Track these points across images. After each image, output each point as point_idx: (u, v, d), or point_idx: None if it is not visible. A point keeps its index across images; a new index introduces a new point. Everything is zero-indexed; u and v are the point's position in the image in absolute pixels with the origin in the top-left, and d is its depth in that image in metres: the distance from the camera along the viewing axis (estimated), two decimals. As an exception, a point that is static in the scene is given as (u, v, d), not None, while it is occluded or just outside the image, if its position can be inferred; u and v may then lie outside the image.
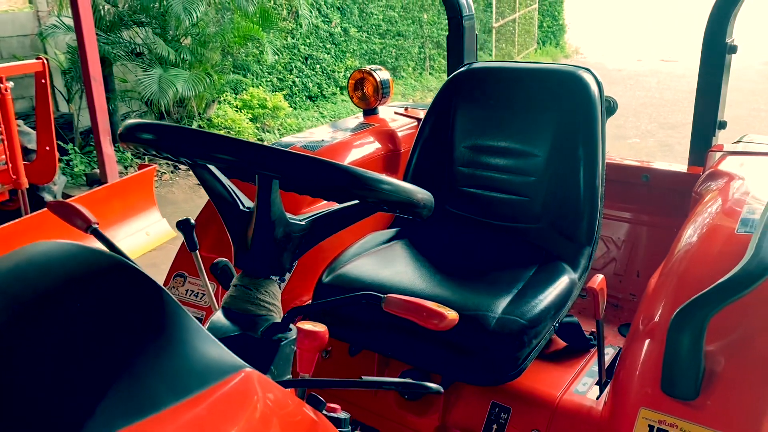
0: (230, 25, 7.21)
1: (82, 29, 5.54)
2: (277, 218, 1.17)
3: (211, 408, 0.82)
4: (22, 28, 7.79)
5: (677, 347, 1.26)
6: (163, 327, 0.85)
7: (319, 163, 1.07)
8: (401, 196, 1.16)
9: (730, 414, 1.24)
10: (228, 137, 1.02)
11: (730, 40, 2.00)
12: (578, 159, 1.86)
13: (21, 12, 7.91)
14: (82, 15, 5.55)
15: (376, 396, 1.84)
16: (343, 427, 1.13)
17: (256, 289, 1.20)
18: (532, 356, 1.60)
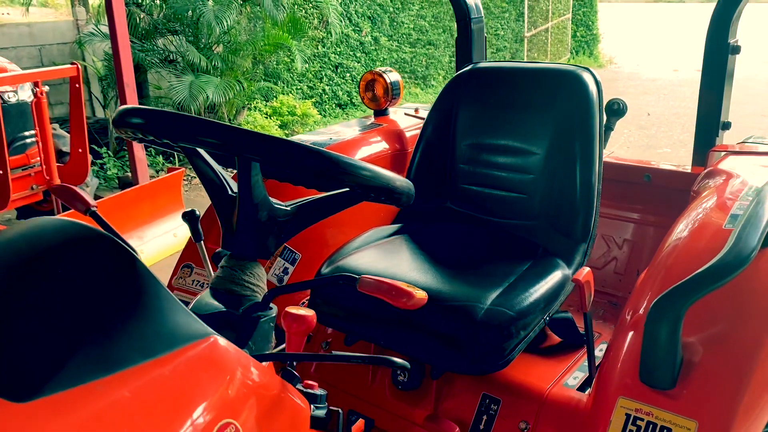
0: (261, 34, 7.35)
1: (117, 37, 5.72)
2: (260, 201, 1.22)
3: (176, 369, 0.88)
4: (63, 37, 8.07)
5: (655, 337, 1.28)
6: (136, 294, 0.91)
7: (297, 146, 1.12)
8: (379, 182, 1.21)
9: (704, 403, 1.25)
10: (209, 121, 1.08)
11: (733, 41, 2.00)
12: (575, 157, 1.88)
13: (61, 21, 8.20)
14: (117, 23, 5.73)
15: (372, 387, 1.88)
16: (319, 403, 1.17)
17: (242, 270, 1.25)
18: (520, 347, 1.62)
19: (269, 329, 1.21)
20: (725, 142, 2.14)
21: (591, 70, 1.97)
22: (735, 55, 2.02)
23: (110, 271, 0.92)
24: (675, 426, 1.25)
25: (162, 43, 7.43)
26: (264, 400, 0.97)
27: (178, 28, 7.41)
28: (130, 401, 0.81)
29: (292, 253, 2.09)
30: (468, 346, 1.58)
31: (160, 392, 0.85)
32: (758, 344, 1.27)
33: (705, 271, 1.24)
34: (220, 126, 1.07)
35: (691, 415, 1.25)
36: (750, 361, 1.25)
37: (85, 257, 0.92)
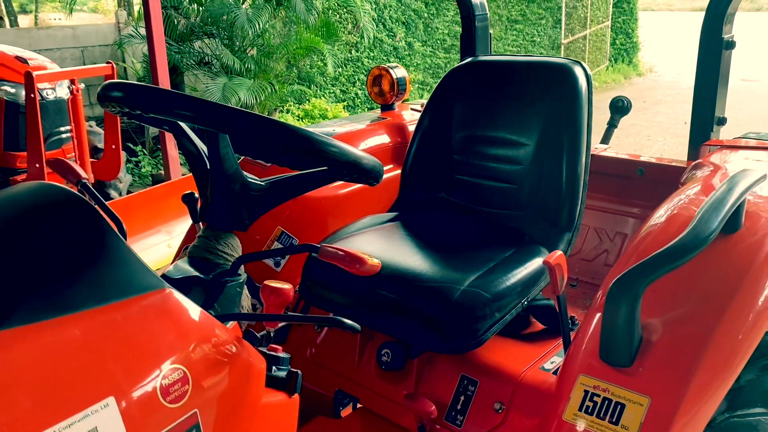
0: (293, 37, 7.50)
1: (153, 39, 5.90)
2: (233, 174, 1.30)
3: (128, 315, 0.95)
4: (105, 39, 8.36)
5: (613, 317, 1.31)
6: (97, 247, 0.99)
7: (263, 119, 1.19)
8: (346, 158, 1.26)
9: (657, 381, 1.27)
10: (178, 93, 1.16)
11: (728, 36, 2.01)
12: (563, 148, 1.91)
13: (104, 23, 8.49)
14: (154, 25, 5.92)
15: (358, 368, 1.94)
16: (281, 365, 1.24)
17: (216, 240, 1.33)
18: (495, 329, 1.66)
19: (236, 294, 1.28)
20: (723, 138, 2.14)
21: (582, 63, 2.01)
22: (730, 50, 2.03)
23: (75, 226, 1.00)
24: (629, 402, 1.28)
25: (198, 45, 7.64)
26: (216, 353, 1.04)
27: (214, 32, 7.62)
28: (80, 340, 0.89)
29: (289, 239, 2.16)
30: (443, 325, 1.63)
31: (110, 335, 0.92)
32: (713, 327, 1.29)
33: (662, 252, 1.27)
34: (188, 98, 1.15)
35: (645, 391, 1.27)
36: (705, 343, 1.27)
37: (53, 212, 1.01)
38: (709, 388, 1.27)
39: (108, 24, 8.62)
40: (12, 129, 5.14)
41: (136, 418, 0.90)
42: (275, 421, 1.18)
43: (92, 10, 17.76)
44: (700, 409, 1.26)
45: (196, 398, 0.98)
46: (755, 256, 1.38)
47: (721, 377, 1.29)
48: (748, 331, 1.33)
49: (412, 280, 1.71)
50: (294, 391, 1.21)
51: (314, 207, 2.24)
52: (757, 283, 1.35)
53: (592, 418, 1.31)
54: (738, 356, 1.31)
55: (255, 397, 1.11)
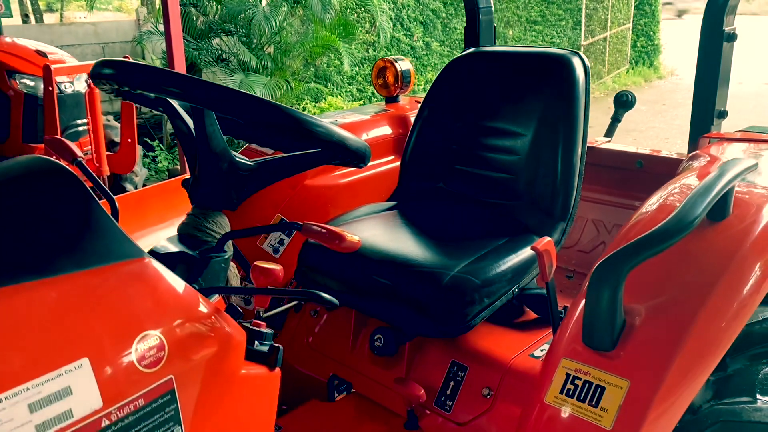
0: (310, 35, 7.55)
1: (170, 35, 5.97)
2: (220, 152, 1.32)
3: (106, 280, 0.98)
4: (125, 35, 8.49)
5: (596, 301, 1.31)
6: (79, 216, 1.02)
7: (248, 97, 1.20)
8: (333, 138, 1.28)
9: (638, 365, 1.28)
10: (167, 70, 1.18)
11: (729, 29, 2.00)
12: (558, 138, 1.92)
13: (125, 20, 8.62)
14: (172, 22, 5.97)
15: (352, 353, 1.96)
16: (264, 340, 1.26)
17: (204, 218, 1.35)
18: (484, 315, 1.67)
19: (220, 269, 1.30)
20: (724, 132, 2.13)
21: (581, 54, 2.01)
22: (731, 42, 2.02)
23: (60, 196, 1.03)
24: (609, 385, 1.29)
25: (217, 43, 7.72)
26: (194, 323, 1.06)
27: (232, 29, 7.69)
28: (56, 302, 0.92)
29: (288, 226, 2.18)
30: (433, 309, 1.64)
31: (87, 298, 0.95)
32: (695, 314, 1.29)
33: (645, 237, 1.28)
34: (174, 74, 1.17)
35: (625, 375, 1.28)
36: (686, 329, 1.27)
37: (40, 182, 1.04)
38: (689, 373, 1.27)
39: (129, 21, 8.75)
40: (31, 121, 5.24)
41: (109, 380, 0.92)
42: (254, 393, 1.20)
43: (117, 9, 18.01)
44: (679, 395, 1.27)
45: (171, 365, 1.00)
46: (740, 244, 1.38)
47: (702, 364, 1.29)
48: (731, 318, 1.33)
49: (404, 266, 1.73)
50: (274, 365, 1.23)
51: (315, 195, 2.26)
52: (741, 271, 1.35)
53: (572, 400, 1.31)
54: (719, 343, 1.31)
55: (233, 367, 1.13)
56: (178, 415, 1.02)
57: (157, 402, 0.98)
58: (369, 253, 1.79)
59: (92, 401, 0.90)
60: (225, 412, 1.12)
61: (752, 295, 1.36)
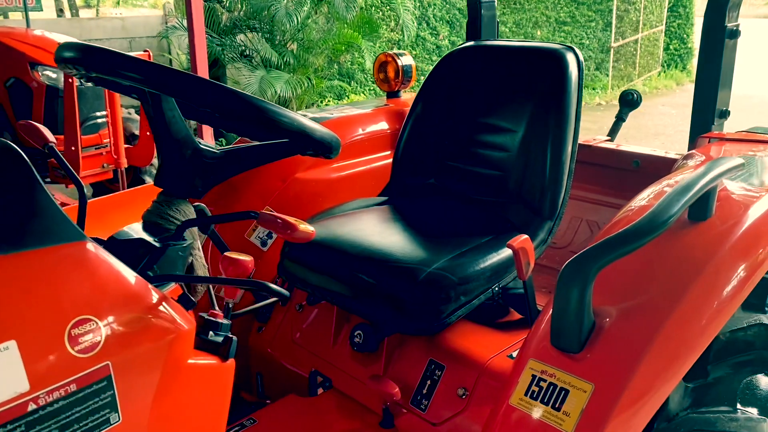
0: (333, 32, 7.55)
1: (193, 30, 6.03)
2: (182, 138, 1.31)
3: (43, 262, 0.97)
4: (152, 30, 8.58)
5: (564, 301, 1.27)
6: (21, 197, 1.01)
7: (212, 85, 1.19)
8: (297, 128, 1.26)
9: (603, 368, 1.23)
10: (126, 55, 1.17)
11: (732, 25, 1.93)
12: (548, 135, 1.87)
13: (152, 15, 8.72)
14: (195, 17, 6.02)
15: (333, 349, 1.93)
16: (220, 330, 1.24)
17: (168, 205, 1.34)
18: (461, 313, 1.64)
19: (177, 257, 1.29)
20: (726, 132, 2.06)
21: (575, 49, 1.95)
22: (734, 39, 1.95)
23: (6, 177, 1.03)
24: (573, 388, 1.24)
25: (241, 39, 7.77)
26: (135, 310, 1.04)
27: (257, 25, 7.73)
28: None
29: (277, 219, 2.17)
30: (408, 305, 1.61)
31: (19, 280, 0.94)
32: (666, 317, 1.23)
33: (615, 235, 1.23)
34: (133, 59, 1.16)
35: (590, 378, 1.23)
36: (655, 332, 1.22)
37: None
38: (657, 379, 1.22)
39: (156, 16, 8.84)
40: (51, 113, 5.32)
41: (38, 363, 0.91)
42: (204, 383, 1.18)
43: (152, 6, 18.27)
44: (646, 400, 1.22)
45: (108, 351, 0.99)
46: (719, 246, 1.32)
47: (671, 369, 1.24)
48: (705, 322, 1.27)
49: (382, 261, 1.70)
50: (227, 356, 1.21)
51: (305, 189, 2.24)
52: (718, 274, 1.29)
53: (536, 403, 1.27)
54: (691, 348, 1.26)
55: (179, 356, 1.11)
56: (114, 402, 1.00)
57: (92, 388, 0.97)
58: (349, 248, 1.77)
59: (18, 384, 0.89)
60: (170, 400, 1.10)
61: (730, 299, 1.30)
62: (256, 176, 2.19)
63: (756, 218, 1.39)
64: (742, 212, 1.40)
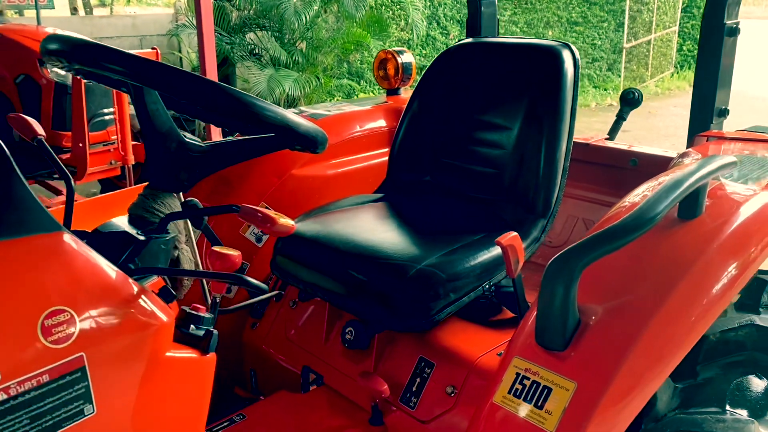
0: (341, 31, 7.55)
1: (202, 28, 6.05)
2: (166, 131, 1.31)
3: (17, 252, 0.97)
4: (162, 28, 8.62)
5: (550, 298, 1.25)
6: None
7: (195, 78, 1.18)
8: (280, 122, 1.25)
9: (587, 367, 1.22)
10: (107, 47, 1.17)
11: (731, 22, 1.91)
12: (543, 133, 1.86)
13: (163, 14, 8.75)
14: (204, 15, 6.05)
15: (325, 345, 1.93)
16: (202, 324, 1.24)
17: (153, 199, 1.34)
18: (450, 310, 1.62)
19: (159, 250, 1.28)
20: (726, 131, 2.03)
21: (571, 46, 1.94)
22: (733, 37, 1.92)
23: None
24: (556, 386, 1.23)
25: (251, 37, 7.79)
26: (112, 301, 1.04)
27: (266, 24, 7.75)
28: None
29: (274, 215, 2.17)
30: (397, 302, 1.60)
31: (-6, 270, 0.94)
32: (651, 315, 1.22)
33: (601, 233, 1.22)
34: (115, 51, 1.16)
35: (573, 376, 1.22)
36: (639, 331, 1.21)
37: None
38: (641, 378, 1.21)
39: (167, 14, 8.88)
40: (60, 109, 5.36)
41: (10, 353, 0.91)
42: (183, 376, 1.18)
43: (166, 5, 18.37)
44: (629, 400, 1.20)
45: (83, 342, 0.99)
46: (707, 244, 1.30)
47: (656, 368, 1.22)
48: (692, 321, 1.26)
49: (373, 258, 1.69)
50: (207, 350, 1.21)
51: (301, 185, 2.24)
52: (705, 273, 1.28)
53: (519, 401, 1.26)
54: (677, 347, 1.24)
55: (157, 349, 1.11)
56: (89, 393, 1.00)
57: (65, 379, 0.97)
58: (341, 245, 1.76)
59: None
60: (148, 393, 1.10)
61: (719, 298, 1.28)
62: (251, 172, 2.19)
63: (747, 217, 1.37)
64: (733, 211, 1.38)
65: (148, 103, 1.27)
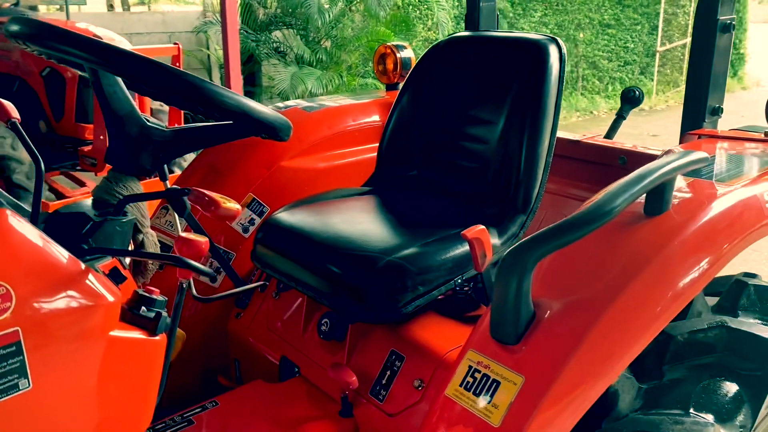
0: (365, 30, 7.57)
1: (226, 25, 6.12)
2: (125, 115, 1.32)
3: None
4: (190, 25, 8.73)
5: (504, 291, 1.24)
6: None
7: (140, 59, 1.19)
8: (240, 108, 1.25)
9: (535, 361, 1.20)
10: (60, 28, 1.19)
11: (724, 18, 1.86)
12: (525, 127, 1.83)
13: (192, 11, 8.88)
14: (228, 12, 6.14)
15: (303, 336, 1.93)
16: (154, 306, 1.25)
17: (115, 182, 1.36)
18: (418, 303, 1.61)
19: (114, 232, 1.29)
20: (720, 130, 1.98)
21: (558, 40, 1.90)
22: (726, 34, 1.87)
23: None
24: (504, 380, 1.21)
25: (277, 36, 7.85)
26: (52, 278, 1.05)
27: (292, 22, 7.80)
28: None
29: (260, 206, 2.18)
30: (365, 293, 1.60)
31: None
32: (603, 311, 1.19)
33: (554, 226, 1.20)
34: (68, 33, 1.17)
35: (521, 371, 1.20)
36: (588, 328, 1.18)
37: None
38: (588, 375, 1.18)
39: (196, 11, 9.00)
40: (83, 102, 5.46)
41: (-59, 325, 0.93)
42: (128, 356, 1.18)
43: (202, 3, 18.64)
44: (576, 396, 1.18)
45: (19, 317, 1.00)
46: (669, 240, 1.27)
47: (605, 366, 1.20)
48: (647, 319, 1.23)
49: (345, 249, 1.68)
50: (155, 332, 1.21)
51: (290, 177, 2.25)
52: (664, 270, 1.24)
53: (468, 394, 1.25)
54: (630, 344, 1.21)
55: (99, 327, 1.12)
56: (24, 368, 1.02)
57: None
58: (315, 236, 1.76)
59: None
60: (89, 371, 1.11)
61: (678, 296, 1.25)
62: (241, 163, 2.21)
63: (715, 214, 1.33)
64: (701, 207, 1.34)
65: (105, 86, 1.29)
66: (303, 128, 2.31)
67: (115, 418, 1.19)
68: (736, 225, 1.34)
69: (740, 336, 1.41)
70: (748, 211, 1.37)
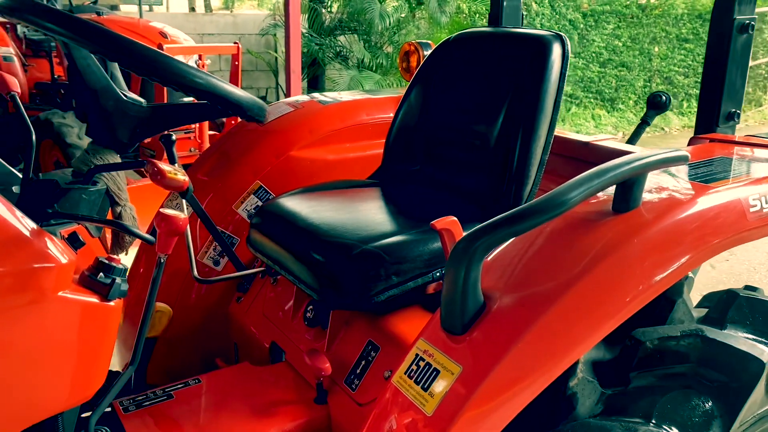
0: (427, 36, 7.58)
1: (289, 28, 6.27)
2: (101, 89, 1.37)
3: None
4: (260, 28, 8.97)
5: (452, 280, 1.22)
6: None
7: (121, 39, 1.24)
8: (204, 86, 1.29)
9: (475, 352, 1.17)
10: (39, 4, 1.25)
11: (742, 18, 1.76)
12: (520, 123, 1.79)
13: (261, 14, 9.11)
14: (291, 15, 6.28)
15: (291, 322, 1.95)
16: (112, 273, 1.29)
17: (93, 154, 1.41)
18: (393, 293, 1.60)
19: (80, 199, 1.34)
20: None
21: (563, 36, 1.85)
22: (745, 35, 1.78)
23: None
24: (444, 369, 1.19)
25: (341, 40, 7.97)
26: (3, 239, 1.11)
27: (356, 27, 7.91)
28: None
29: (266, 193, 2.22)
30: (338, 279, 1.60)
31: None
32: (548, 308, 1.15)
33: (507, 214, 1.17)
34: (42, 7, 1.23)
35: (460, 360, 1.17)
36: (531, 322, 1.14)
37: None
38: (525, 372, 1.14)
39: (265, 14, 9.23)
40: (146, 95, 5.71)
41: None
42: (77, 318, 1.22)
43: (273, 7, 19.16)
44: (512, 391, 1.14)
45: None
46: (630, 238, 1.21)
47: (544, 363, 1.15)
48: (597, 318, 1.18)
49: (325, 237, 1.69)
50: (107, 297, 1.25)
51: (299, 167, 2.27)
52: (620, 268, 1.19)
53: (410, 382, 1.23)
54: (575, 342, 1.17)
55: (46, 287, 1.16)
56: None
57: None
58: (302, 223, 1.78)
59: None
60: (32, 328, 1.16)
61: (633, 297, 1.19)
62: (251, 150, 2.25)
63: (685, 215, 1.26)
64: (673, 207, 1.28)
65: (77, 59, 1.34)
66: (315, 120, 2.33)
67: (62, 376, 1.23)
68: (707, 227, 1.27)
69: (715, 346, 1.33)
70: (725, 213, 1.30)
